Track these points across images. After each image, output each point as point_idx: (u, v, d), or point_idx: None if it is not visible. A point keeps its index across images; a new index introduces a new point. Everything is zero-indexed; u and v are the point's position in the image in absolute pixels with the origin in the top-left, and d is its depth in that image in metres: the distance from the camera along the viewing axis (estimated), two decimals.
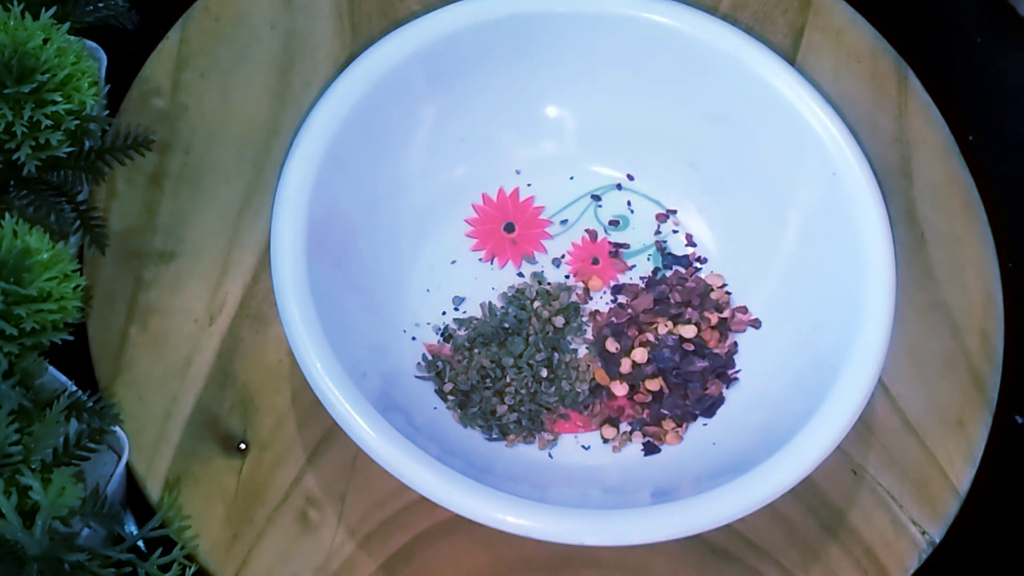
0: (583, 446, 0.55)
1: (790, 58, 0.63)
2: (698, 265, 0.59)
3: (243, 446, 0.54)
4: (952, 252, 0.60)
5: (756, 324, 0.57)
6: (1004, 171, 0.63)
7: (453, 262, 0.58)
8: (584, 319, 0.57)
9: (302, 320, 0.50)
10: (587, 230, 0.59)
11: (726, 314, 0.57)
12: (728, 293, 0.58)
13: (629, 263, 0.59)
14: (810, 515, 0.55)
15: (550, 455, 0.54)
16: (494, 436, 0.54)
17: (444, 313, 0.57)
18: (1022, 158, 0.65)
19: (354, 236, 0.55)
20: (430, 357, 0.56)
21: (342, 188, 0.54)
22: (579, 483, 0.53)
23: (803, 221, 0.56)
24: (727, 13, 0.63)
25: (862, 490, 0.55)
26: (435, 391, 0.55)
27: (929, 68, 0.63)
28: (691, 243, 0.59)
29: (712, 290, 0.58)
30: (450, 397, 0.55)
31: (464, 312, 0.57)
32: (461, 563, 0.53)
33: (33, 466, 0.46)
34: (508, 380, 0.55)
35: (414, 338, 0.56)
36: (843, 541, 0.54)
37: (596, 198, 0.60)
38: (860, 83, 0.63)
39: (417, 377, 0.55)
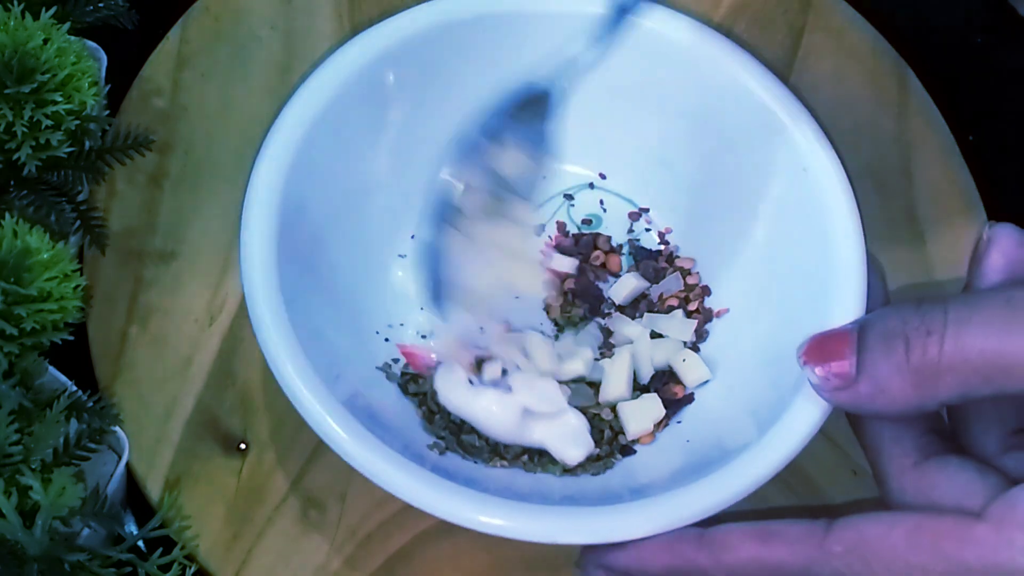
0: None
1: (790, 59, 0.63)
2: (666, 264, 0.58)
3: (243, 446, 0.54)
4: (952, 252, 0.60)
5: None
6: (1004, 171, 0.63)
7: None
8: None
9: (273, 324, 0.50)
10: (558, 222, 0.59)
11: (693, 306, 0.57)
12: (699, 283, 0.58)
13: None
14: (810, 515, 0.55)
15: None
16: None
17: (422, 309, 0.56)
18: (1022, 158, 0.65)
19: (325, 239, 0.55)
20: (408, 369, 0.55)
21: (312, 190, 0.53)
22: (555, 485, 0.53)
23: (774, 217, 0.56)
24: (726, 15, 0.63)
25: (862, 490, 0.55)
26: (398, 388, 0.55)
27: (929, 68, 0.63)
28: (663, 240, 0.59)
29: (688, 273, 0.58)
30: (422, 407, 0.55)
31: None
32: (461, 563, 0.53)
33: (33, 466, 0.46)
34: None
35: (387, 339, 0.56)
36: None
37: (569, 197, 0.60)
38: (860, 83, 0.63)
39: (378, 369, 0.55)
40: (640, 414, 0.54)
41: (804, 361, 0.47)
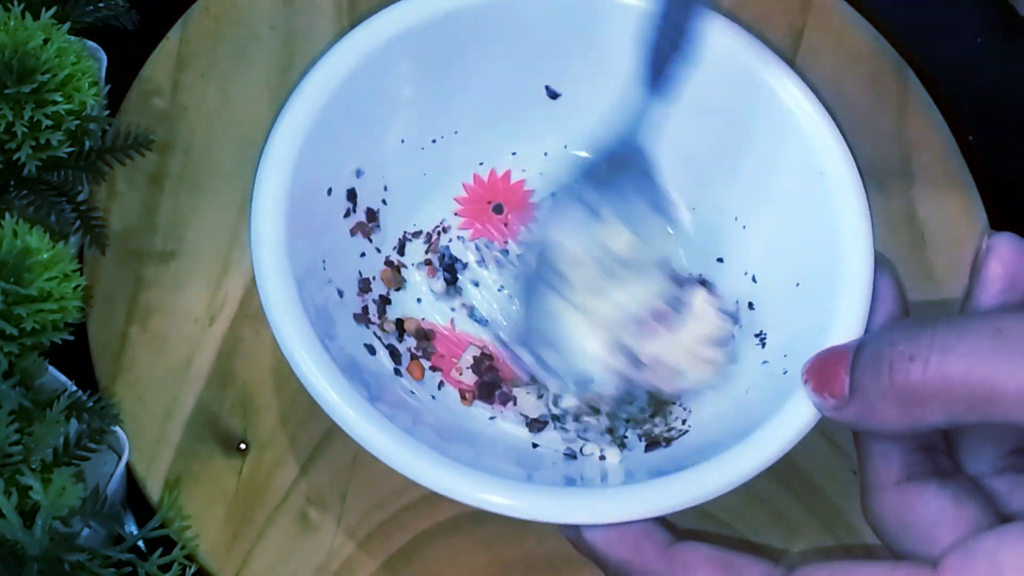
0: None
1: (790, 58, 0.63)
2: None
3: (243, 446, 0.54)
4: (952, 252, 0.60)
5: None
6: (1004, 171, 0.63)
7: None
8: None
9: (283, 304, 0.49)
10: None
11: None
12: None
13: None
14: (811, 515, 0.55)
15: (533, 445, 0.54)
16: None
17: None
18: (1022, 158, 0.65)
19: (335, 222, 0.55)
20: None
21: (326, 167, 0.53)
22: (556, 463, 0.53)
23: (787, 218, 0.56)
24: (727, 13, 0.63)
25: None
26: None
27: (929, 68, 0.63)
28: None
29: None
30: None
31: None
32: (461, 563, 0.53)
33: (33, 466, 0.46)
34: None
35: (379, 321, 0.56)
36: (843, 540, 0.54)
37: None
38: (860, 83, 0.63)
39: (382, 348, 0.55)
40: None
41: (805, 379, 0.48)
